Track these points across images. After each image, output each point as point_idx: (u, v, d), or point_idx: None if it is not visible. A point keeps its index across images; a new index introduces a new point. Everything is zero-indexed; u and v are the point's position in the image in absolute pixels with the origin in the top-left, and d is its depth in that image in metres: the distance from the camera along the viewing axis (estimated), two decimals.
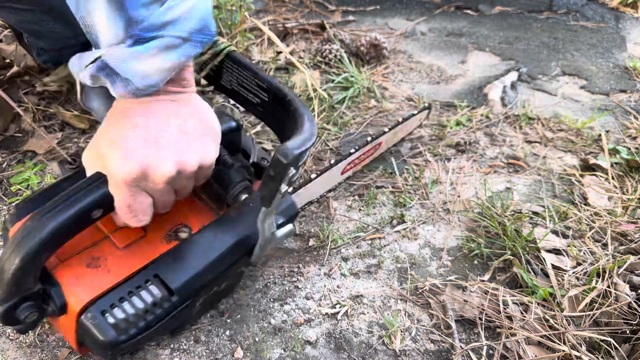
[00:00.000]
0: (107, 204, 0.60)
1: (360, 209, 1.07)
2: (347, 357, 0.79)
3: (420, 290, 0.90)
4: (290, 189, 0.91)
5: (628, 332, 0.81)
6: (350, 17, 1.92)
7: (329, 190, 1.10)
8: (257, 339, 0.81)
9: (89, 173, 0.59)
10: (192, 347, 0.79)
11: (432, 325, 0.85)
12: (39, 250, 0.55)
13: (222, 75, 0.78)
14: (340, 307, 0.86)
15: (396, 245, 1.00)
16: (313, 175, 0.97)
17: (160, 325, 0.65)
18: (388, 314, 0.86)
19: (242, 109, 0.81)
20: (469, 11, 2.05)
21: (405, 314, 0.86)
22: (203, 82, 0.81)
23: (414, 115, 1.19)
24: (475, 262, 0.97)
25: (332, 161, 1.01)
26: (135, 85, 0.54)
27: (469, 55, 1.73)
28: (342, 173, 1.07)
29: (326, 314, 0.85)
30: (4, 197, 1.01)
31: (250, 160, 0.74)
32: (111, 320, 0.60)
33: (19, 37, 1.07)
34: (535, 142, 1.31)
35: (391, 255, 0.98)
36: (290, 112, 0.69)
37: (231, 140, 0.70)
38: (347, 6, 2.00)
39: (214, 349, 0.79)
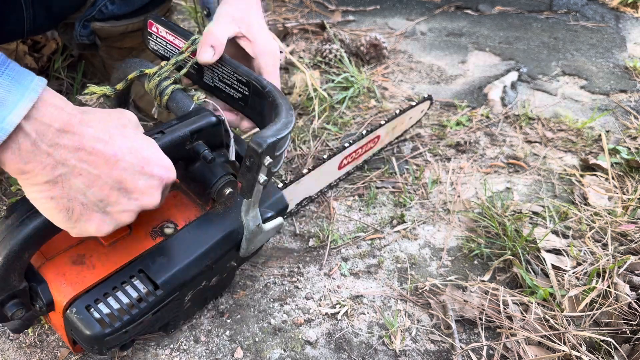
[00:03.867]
0: None
1: (360, 209, 1.07)
2: (347, 357, 0.79)
3: (420, 291, 0.90)
4: (281, 185, 0.91)
5: (628, 332, 0.81)
6: (350, 17, 1.92)
7: (330, 186, 1.09)
8: (257, 339, 0.81)
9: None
10: (192, 347, 0.79)
11: (432, 325, 0.85)
12: (20, 249, 0.56)
13: (204, 72, 0.78)
14: (340, 307, 0.86)
15: (396, 245, 1.00)
16: (305, 171, 0.96)
17: (147, 319, 0.65)
18: (388, 314, 0.86)
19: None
20: (469, 11, 2.05)
21: (405, 314, 0.86)
22: (185, 80, 0.81)
23: (412, 107, 1.17)
24: (475, 262, 0.97)
25: (325, 156, 1.00)
26: None
27: (469, 55, 1.73)
28: (340, 168, 1.07)
29: (326, 314, 0.85)
30: (4, 197, 1.01)
31: (231, 156, 0.74)
32: (96, 314, 0.61)
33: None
34: (535, 142, 1.31)
35: (391, 255, 0.98)
36: (268, 103, 0.69)
37: (212, 135, 0.70)
38: (347, 6, 2.00)
39: (214, 349, 0.79)
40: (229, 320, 0.83)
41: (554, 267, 0.93)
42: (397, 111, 1.14)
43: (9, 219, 0.57)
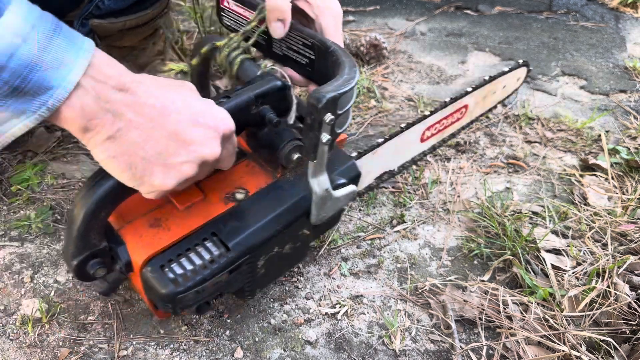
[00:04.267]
0: None
1: (360, 209, 1.07)
2: (347, 357, 0.79)
3: (420, 290, 0.90)
4: (354, 153, 0.89)
5: (628, 332, 0.81)
6: (350, 17, 1.92)
7: (414, 161, 1.05)
8: (257, 339, 0.81)
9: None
10: (192, 347, 0.79)
11: (432, 325, 0.85)
12: (96, 208, 0.59)
13: (272, 41, 0.76)
14: (340, 307, 0.86)
15: (396, 245, 1.00)
16: (380, 140, 0.91)
17: (220, 281, 0.67)
18: (388, 314, 0.86)
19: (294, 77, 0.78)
20: (468, 11, 2.05)
21: (405, 314, 0.86)
22: (254, 51, 0.79)
23: (504, 73, 1.06)
24: (475, 262, 0.97)
25: (403, 125, 0.93)
26: None
27: (469, 56, 1.73)
28: (423, 140, 1.01)
29: (326, 314, 0.85)
30: (4, 197, 1.01)
31: (289, 120, 0.73)
32: (170, 274, 0.63)
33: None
34: (535, 142, 1.31)
35: (391, 255, 0.98)
36: (332, 62, 0.67)
37: (278, 99, 0.70)
38: (347, 6, 2.00)
39: (214, 349, 0.79)
40: (229, 320, 0.83)
41: (554, 267, 0.93)
42: (487, 77, 1.04)
43: (87, 181, 0.60)
